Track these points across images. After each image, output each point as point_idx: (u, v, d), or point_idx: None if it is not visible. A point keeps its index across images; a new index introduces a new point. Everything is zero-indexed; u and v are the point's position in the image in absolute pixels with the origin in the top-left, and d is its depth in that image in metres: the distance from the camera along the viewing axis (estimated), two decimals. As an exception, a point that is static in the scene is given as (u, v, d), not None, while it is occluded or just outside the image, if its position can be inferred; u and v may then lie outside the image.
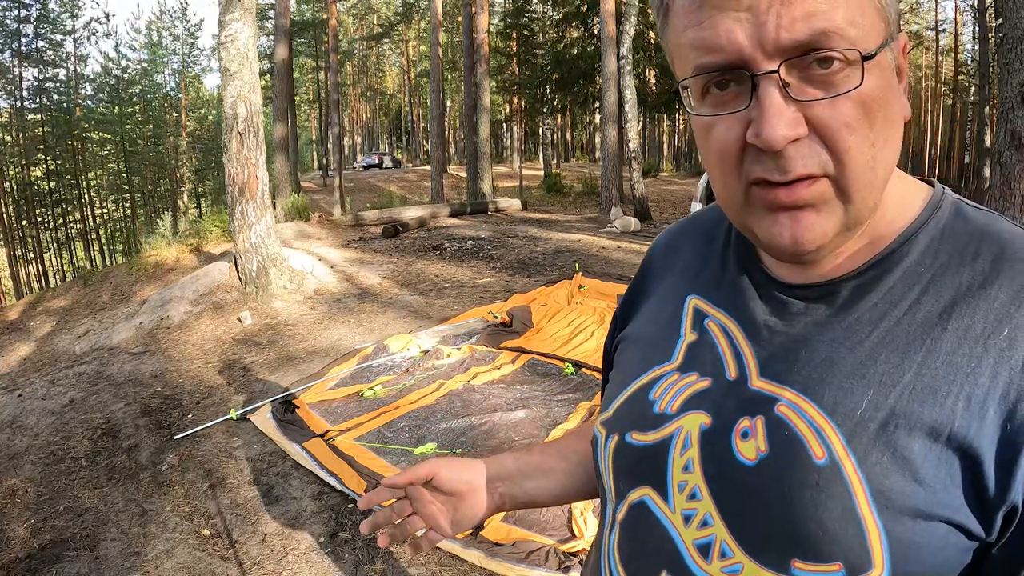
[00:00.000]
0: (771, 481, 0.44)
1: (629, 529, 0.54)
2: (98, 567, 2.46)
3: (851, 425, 0.42)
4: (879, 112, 0.41)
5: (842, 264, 0.47)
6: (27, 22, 23.79)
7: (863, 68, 0.39)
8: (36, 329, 6.92)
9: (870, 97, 0.40)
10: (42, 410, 3.98)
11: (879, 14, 0.41)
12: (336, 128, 19.85)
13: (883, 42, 0.41)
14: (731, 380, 0.50)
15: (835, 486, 0.41)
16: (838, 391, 0.44)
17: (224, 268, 6.61)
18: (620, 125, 13.35)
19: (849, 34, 0.38)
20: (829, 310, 0.47)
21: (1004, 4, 4.88)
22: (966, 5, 25.45)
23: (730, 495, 0.46)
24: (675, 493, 0.50)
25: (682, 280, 0.59)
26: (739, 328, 0.51)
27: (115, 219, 28.83)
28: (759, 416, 0.46)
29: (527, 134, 32.75)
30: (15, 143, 24.11)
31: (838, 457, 0.42)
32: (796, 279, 0.49)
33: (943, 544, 0.40)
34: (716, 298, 0.54)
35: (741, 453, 0.46)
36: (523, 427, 3.35)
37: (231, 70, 6.06)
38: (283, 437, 3.34)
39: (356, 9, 41.81)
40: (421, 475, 0.70)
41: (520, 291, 6.32)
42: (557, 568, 2.23)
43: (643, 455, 0.52)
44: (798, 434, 0.44)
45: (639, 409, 0.54)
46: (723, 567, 0.46)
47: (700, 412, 0.50)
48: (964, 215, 0.47)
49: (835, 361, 0.45)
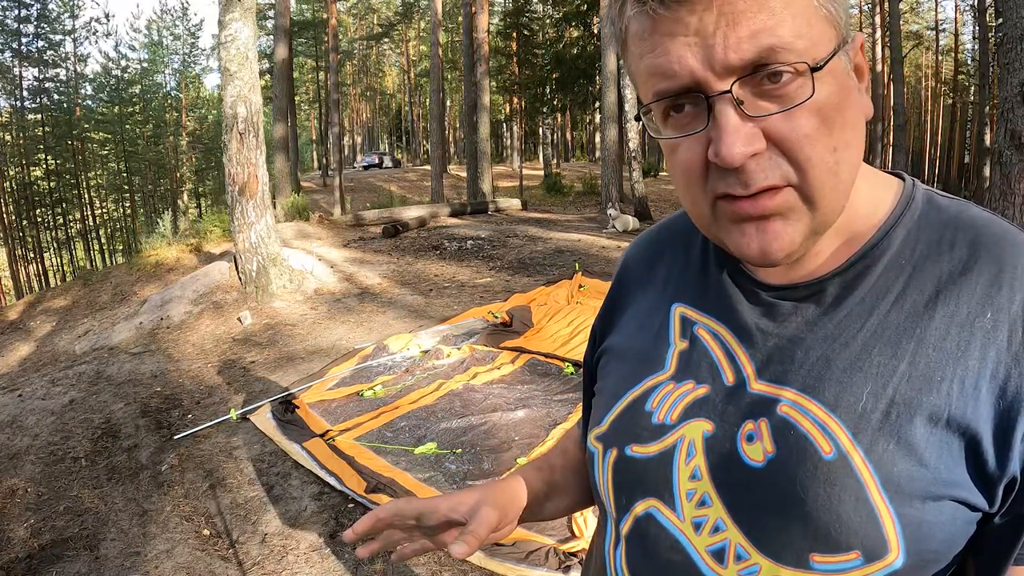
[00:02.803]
0: (783, 480, 0.45)
1: (638, 543, 0.53)
2: (98, 567, 2.46)
3: (854, 418, 0.44)
4: (837, 118, 0.42)
5: (824, 263, 0.49)
6: (27, 22, 23.78)
7: (813, 79, 0.40)
8: (36, 329, 6.92)
9: (825, 105, 0.41)
10: (42, 410, 3.98)
11: (828, 21, 0.41)
12: (336, 128, 19.85)
13: (835, 48, 0.41)
14: (729, 385, 0.50)
15: (846, 478, 0.43)
16: (838, 386, 0.45)
17: (224, 268, 6.61)
18: (620, 125, 13.35)
19: (797, 47, 0.39)
20: (818, 308, 0.48)
21: (1004, 4, 4.88)
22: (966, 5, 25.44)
23: (741, 498, 0.47)
24: (683, 502, 0.50)
25: (664, 290, 0.59)
26: (730, 333, 0.51)
27: (115, 219, 28.82)
28: (763, 418, 0.47)
29: (527, 134, 32.75)
30: (15, 143, 24.10)
31: (846, 450, 0.43)
32: (780, 280, 0.50)
33: (951, 521, 0.42)
34: (703, 305, 0.54)
35: (748, 456, 0.47)
36: (523, 427, 3.34)
37: (231, 70, 6.06)
38: (283, 437, 3.34)
39: (356, 9, 41.79)
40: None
41: (520, 291, 6.32)
42: (557, 568, 2.23)
43: (646, 467, 0.52)
44: (804, 432, 0.45)
45: (637, 421, 0.54)
46: (740, 570, 0.46)
47: (701, 419, 0.50)
48: (937, 205, 0.49)
49: (831, 358, 0.46)
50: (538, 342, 4.61)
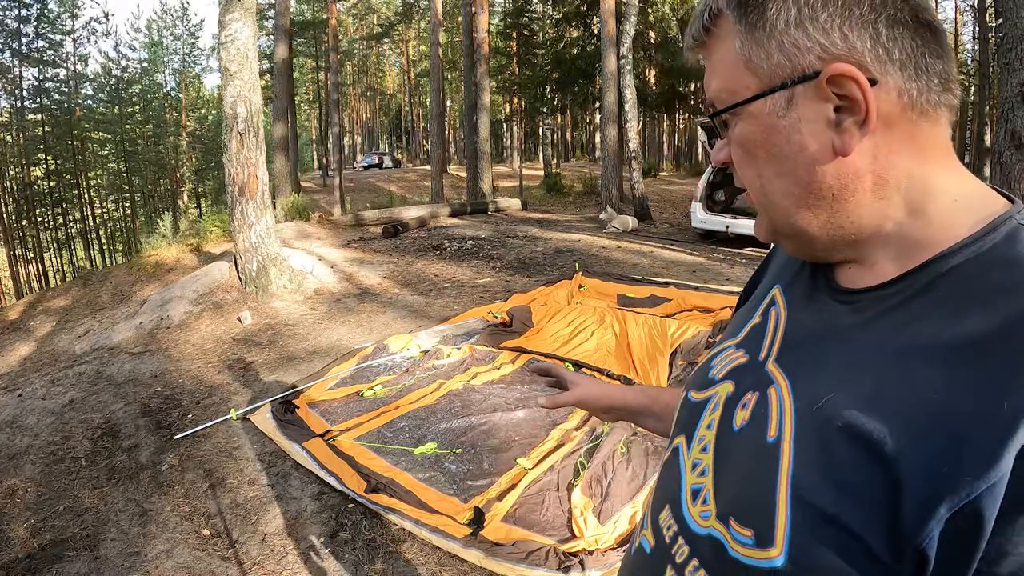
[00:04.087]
0: (740, 448, 0.52)
1: (664, 467, 0.65)
2: (98, 567, 2.46)
3: (805, 413, 0.47)
4: (759, 151, 0.51)
5: (880, 275, 0.50)
6: (27, 22, 23.77)
7: (724, 119, 0.53)
8: (36, 329, 6.92)
9: (744, 140, 0.51)
10: (42, 410, 3.98)
11: (749, 71, 0.49)
12: (336, 128, 19.84)
13: (755, 94, 0.49)
14: (759, 361, 0.56)
15: (770, 462, 0.47)
16: (811, 382, 0.49)
17: (224, 268, 6.61)
18: (620, 125, 13.34)
19: (720, 97, 0.52)
20: (846, 315, 0.51)
21: (1004, 4, 4.88)
22: (966, 5, 25.44)
23: (720, 453, 0.54)
24: (695, 444, 0.59)
25: (781, 268, 0.65)
26: (785, 319, 0.58)
27: (115, 219, 28.81)
28: (757, 392, 0.53)
29: (527, 134, 32.77)
30: (15, 143, 24.10)
31: (783, 437, 0.47)
32: (843, 282, 0.53)
33: (844, 552, 0.42)
34: (788, 290, 0.60)
35: (735, 420, 0.54)
36: (523, 427, 3.34)
37: (231, 70, 6.06)
38: (283, 437, 3.34)
39: (356, 9, 41.76)
40: (570, 403, 0.93)
41: (520, 291, 6.32)
42: (557, 568, 2.23)
43: (690, 410, 0.62)
44: (768, 412, 0.50)
45: (703, 372, 0.64)
46: (700, 512, 0.54)
47: (730, 382, 0.58)
48: (1018, 250, 0.44)
49: (825, 358, 0.49)
50: (538, 342, 4.61)
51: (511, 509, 2.62)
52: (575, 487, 2.72)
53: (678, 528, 0.57)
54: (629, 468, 2.85)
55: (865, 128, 0.46)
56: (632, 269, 7.42)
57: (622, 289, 6.11)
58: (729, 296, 5.71)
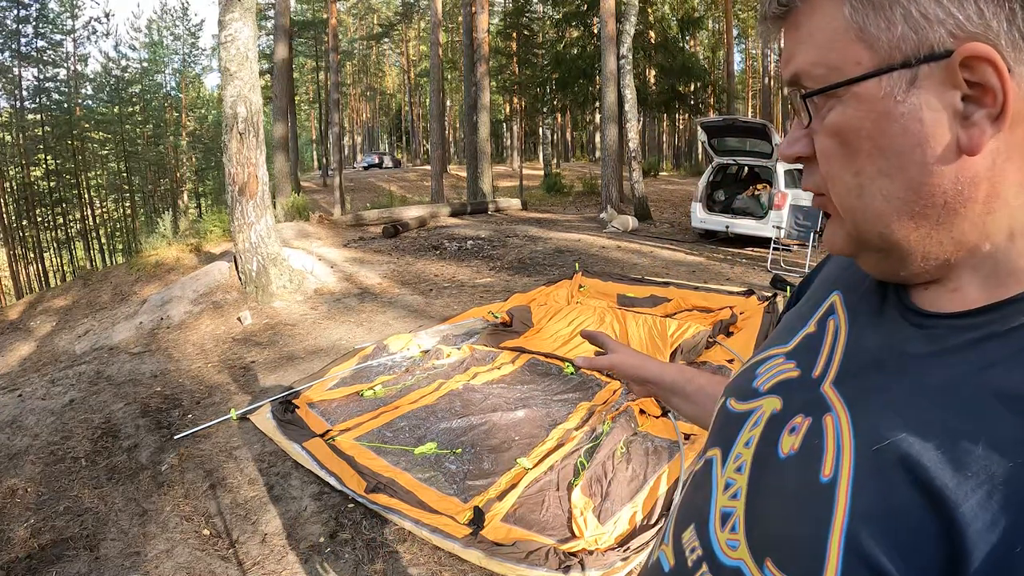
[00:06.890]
0: (787, 480, 0.46)
1: (694, 481, 0.59)
2: (98, 567, 2.46)
3: (865, 453, 0.41)
4: (863, 143, 0.41)
5: (962, 301, 0.44)
6: (27, 22, 23.78)
7: (813, 102, 0.44)
8: (36, 329, 6.92)
9: (844, 128, 0.42)
10: (42, 410, 3.98)
11: (861, 43, 0.40)
12: (336, 128, 19.84)
13: (869, 72, 0.40)
14: (812, 378, 0.50)
15: (823, 505, 0.41)
16: (874, 416, 0.42)
17: (224, 268, 6.61)
18: (620, 125, 13.34)
19: (814, 73, 0.43)
20: (918, 341, 0.44)
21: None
22: (966, 5, 25.38)
23: (758, 479, 0.49)
24: (730, 462, 0.53)
25: (840, 272, 0.59)
26: (845, 335, 0.51)
27: (115, 219, 28.83)
28: (809, 417, 0.47)
29: (527, 134, 32.77)
30: (15, 143, 24.10)
31: (840, 477, 0.41)
32: (920, 302, 0.46)
33: None
34: (849, 300, 0.54)
35: (782, 445, 0.48)
36: (523, 427, 3.35)
37: (231, 70, 6.06)
38: (283, 437, 3.34)
39: (356, 9, 41.79)
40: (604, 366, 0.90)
41: (520, 291, 6.32)
42: (557, 568, 2.23)
43: (728, 421, 0.56)
44: (824, 445, 0.44)
45: (746, 380, 0.58)
46: (728, 540, 0.49)
47: (776, 397, 0.52)
48: None
49: (889, 389, 0.43)
50: (538, 342, 4.61)
51: (511, 509, 2.62)
52: (575, 487, 2.72)
53: (703, 553, 0.51)
54: (629, 468, 2.85)
55: (998, 124, 0.38)
56: (632, 269, 7.42)
57: (622, 289, 6.11)
58: (729, 296, 5.71)
